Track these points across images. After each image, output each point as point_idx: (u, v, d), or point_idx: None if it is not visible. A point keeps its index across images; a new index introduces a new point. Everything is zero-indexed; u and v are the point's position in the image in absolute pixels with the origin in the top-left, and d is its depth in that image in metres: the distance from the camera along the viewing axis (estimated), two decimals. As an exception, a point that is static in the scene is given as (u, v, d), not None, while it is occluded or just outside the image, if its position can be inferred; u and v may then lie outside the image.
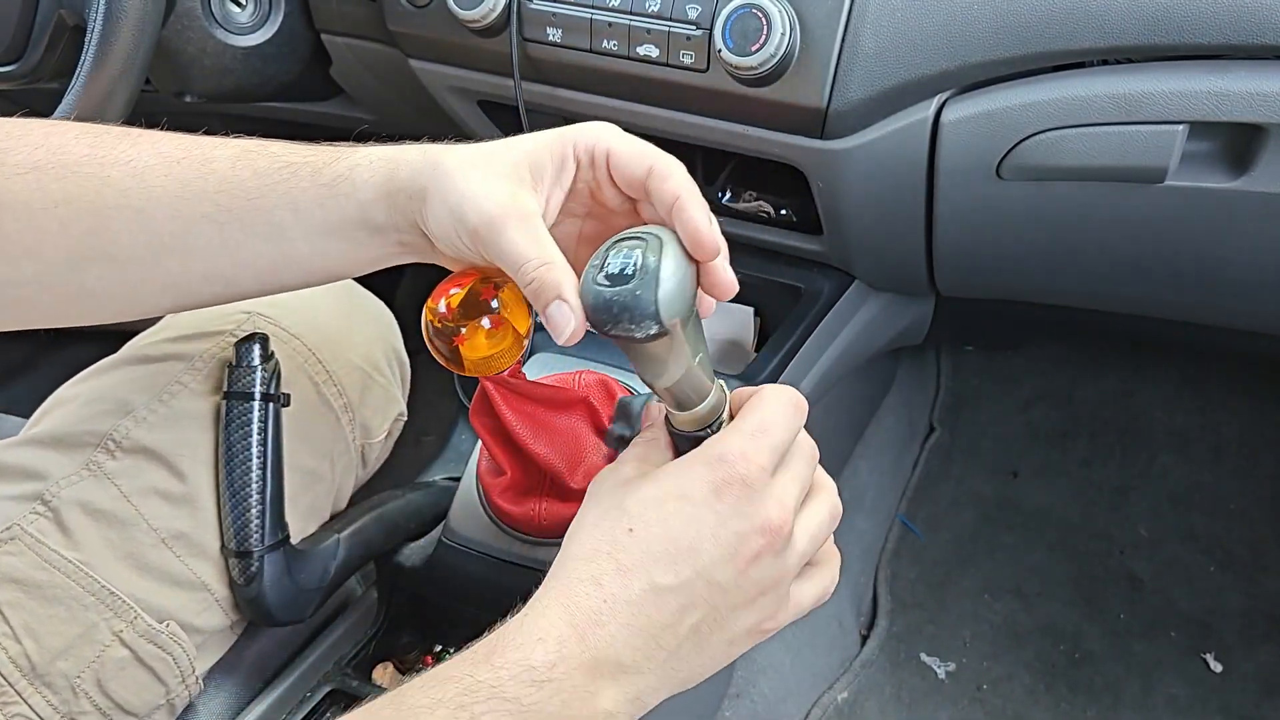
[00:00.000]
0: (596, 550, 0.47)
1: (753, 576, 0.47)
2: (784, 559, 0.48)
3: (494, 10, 0.78)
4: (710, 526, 0.46)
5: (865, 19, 0.70)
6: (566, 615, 0.45)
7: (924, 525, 1.36)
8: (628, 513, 0.47)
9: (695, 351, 0.49)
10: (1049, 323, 1.33)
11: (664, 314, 0.45)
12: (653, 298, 0.45)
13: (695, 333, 0.49)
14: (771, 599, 0.49)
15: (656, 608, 0.46)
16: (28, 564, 0.60)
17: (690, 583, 0.46)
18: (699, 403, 0.50)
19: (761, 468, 0.47)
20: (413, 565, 0.79)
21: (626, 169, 0.51)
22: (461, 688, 0.43)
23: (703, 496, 0.47)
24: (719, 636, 0.48)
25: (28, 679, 0.59)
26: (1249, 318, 0.92)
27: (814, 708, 1.15)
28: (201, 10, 0.91)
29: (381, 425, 0.78)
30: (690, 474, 0.47)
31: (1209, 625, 1.24)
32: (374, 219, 0.53)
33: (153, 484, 0.64)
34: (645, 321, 0.45)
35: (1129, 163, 0.69)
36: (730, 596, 0.47)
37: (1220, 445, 1.40)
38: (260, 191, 0.53)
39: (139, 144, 0.54)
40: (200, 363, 0.68)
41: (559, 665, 0.44)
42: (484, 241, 0.49)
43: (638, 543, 0.46)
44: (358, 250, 0.54)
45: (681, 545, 0.46)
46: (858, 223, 0.85)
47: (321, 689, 0.76)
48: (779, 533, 0.47)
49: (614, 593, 0.45)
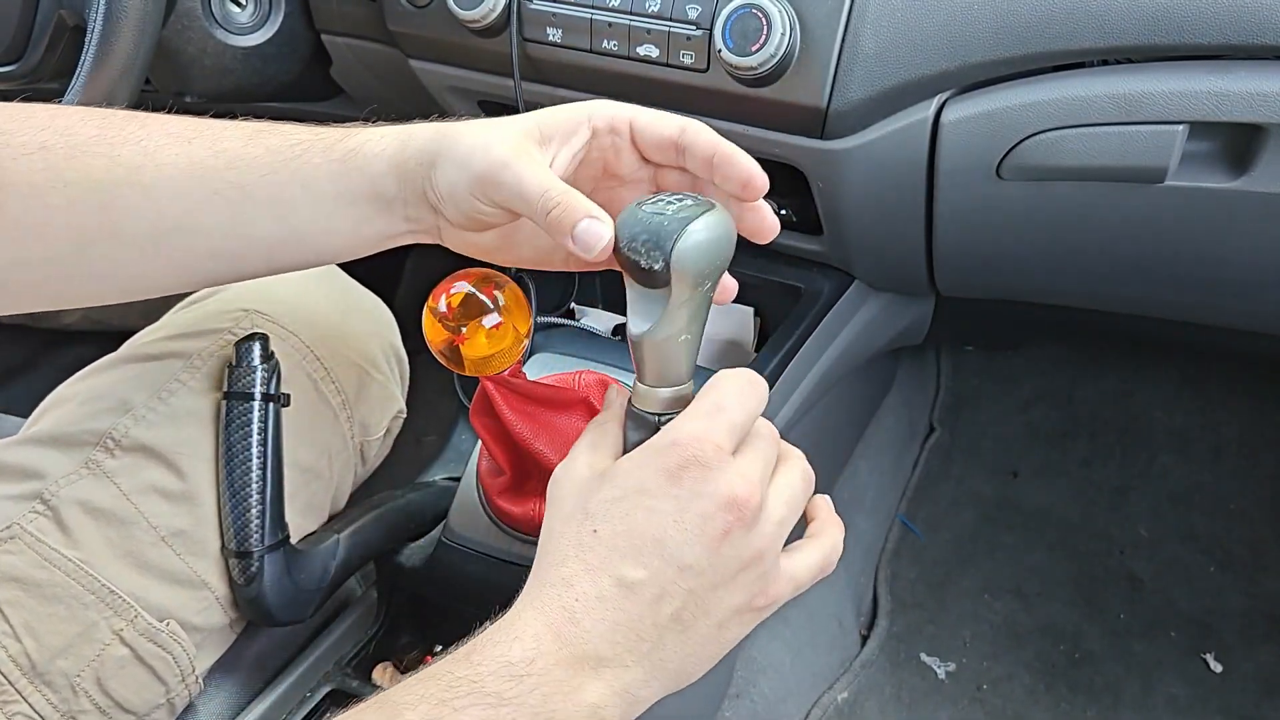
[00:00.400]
0: (564, 555, 0.47)
1: (727, 554, 0.47)
2: (758, 531, 0.48)
3: (494, 10, 0.78)
4: (671, 514, 0.46)
5: (865, 19, 0.70)
6: (541, 616, 0.46)
7: (924, 525, 1.36)
8: (591, 514, 0.48)
9: (689, 329, 0.49)
10: (1049, 323, 1.34)
11: (676, 256, 0.46)
12: (676, 235, 0.46)
13: (697, 312, 0.49)
14: (754, 575, 0.48)
15: (630, 601, 0.46)
16: (27, 563, 0.60)
17: (660, 572, 0.46)
18: (669, 385, 0.51)
19: (717, 446, 0.47)
20: (413, 565, 0.79)
21: (657, 130, 0.52)
22: (442, 685, 0.44)
23: (660, 486, 0.47)
24: (705, 621, 0.48)
25: (28, 678, 0.59)
26: (1249, 318, 0.92)
27: (814, 708, 1.15)
28: (202, 10, 0.91)
29: (380, 423, 0.78)
30: (646, 467, 0.48)
31: (1209, 625, 1.24)
32: (385, 191, 0.53)
33: (152, 482, 0.64)
34: (656, 253, 0.46)
35: (1129, 163, 0.69)
36: (707, 578, 0.47)
37: (1220, 445, 1.40)
38: (272, 168, 0.53)
39: (148, 125, 0.54)
40: (199, 360, 0.68)
41: (537, 660, 0.45)
42: (495, 183, 0.49)
43: (602, 542, 0.47)
44: (365, 226, 0.55)
45: (646, 537, 0.46)
46: (858, 223, 0.85)
47: (321, 689, 0.76)
48: (745, 505, 0.47)
49: (584, 591, 0.46)
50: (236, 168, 0.53)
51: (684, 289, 0.48)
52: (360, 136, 0.54)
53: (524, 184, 0.49)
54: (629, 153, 0.54)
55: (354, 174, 0.53)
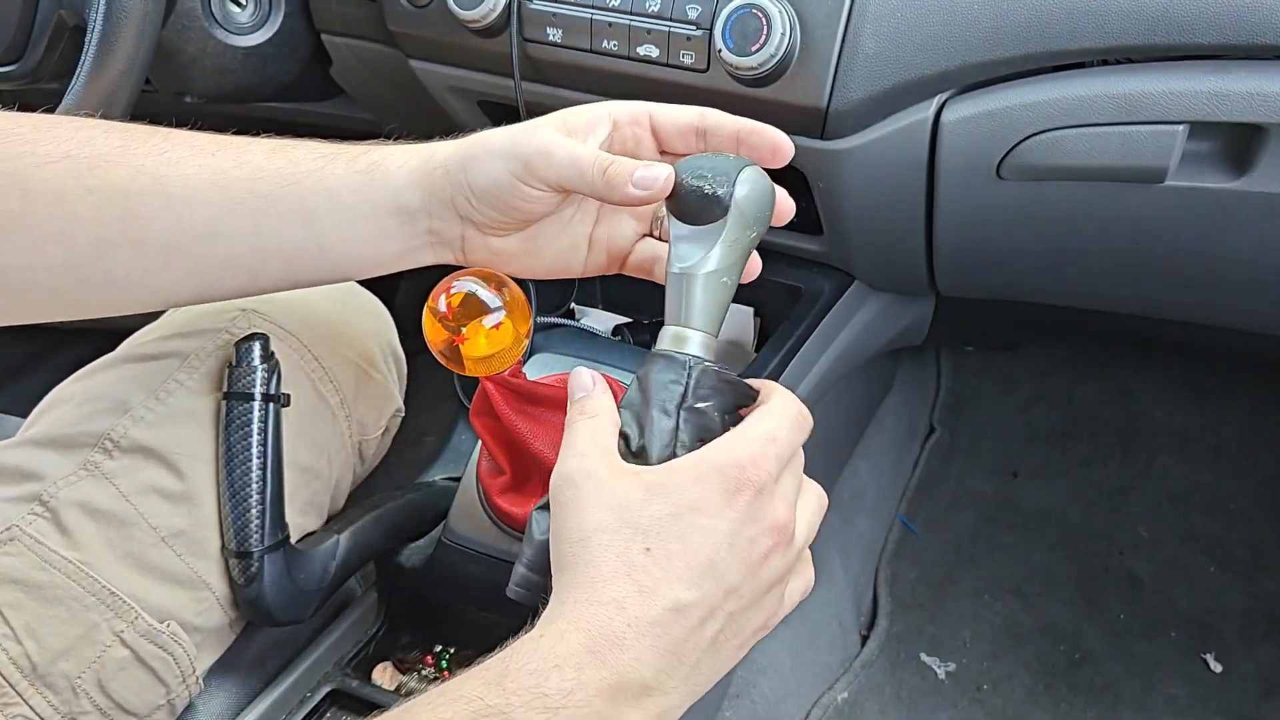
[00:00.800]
0: (615, 572, 0.45)
1: (763, 577, 0.47)
2: (789, 554, 0.48)
3: (494, 10, 0.78)
4: (725, 535, 0.46)
5: (865, 19, 0.70)
6: (587, 640, 0.43)
7: (924, 525, 1.36)
8: (641, 530, 0.45)
9: (730, 273, 0.52)
10: (1049, 323, 1.33)
11: (740, 184, 0.51)
12: (740, 168, 0.51)
13: (740, 258, 0.52)
14: (775, 596, 0.49)
15: (679, 624, 0.45)
16: (27, 564, 0.60)
17: (710, 594, 0.45)
18: (705, 331, 0.51)
19: (769, 473, 0.47)
20: (413, 565, 0.79)
21: (676, 118, 0.56)
22: (469, 711, 0.42)
23: (716, 506, 0.46)
24: (734, 641, 0.48)
25: (28, 680, 0.59)
26: (1249, 318, 0.92)
27: (814, 708, 1.15)
28: (202, 10, 0.91)
29: (378, 421, 0.78)
30: (704, 484, 0.46)
31: (1209, 625, 1.24)
32: (407, 203, 0.55)
33: (151, 483, 0.64)
34: (722, 178, 0.50)
35: (1129, 163, 0.69)
36: (745, 600, 0.47)
37: (1220, 445, 1.40)
38: (295, 178, 0.54)
39: (171, 138, 0.55)
40: (197, 360, 0.68)
41: (575, 693, 0.42)
42: (547, 161, 0.52)
43: (657, 562, 0.45)
44: (385, 241, 0.56)
45: (702, 559, 0.45)
46: (858, 223, 0.85)
47: (322, 689, 0.76)
48: (785, 529, 0.48)
49: (637, 615, 0.44)
50: (260, 178, 0.54)
51: (739, 225, 0.51)
52: (383, 151, 0.56)
53: (577, 154, 0.52)
54: (649, 144, 0.57)
55: (377, 185, 0.55)
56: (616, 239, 0.60)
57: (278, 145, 0.56)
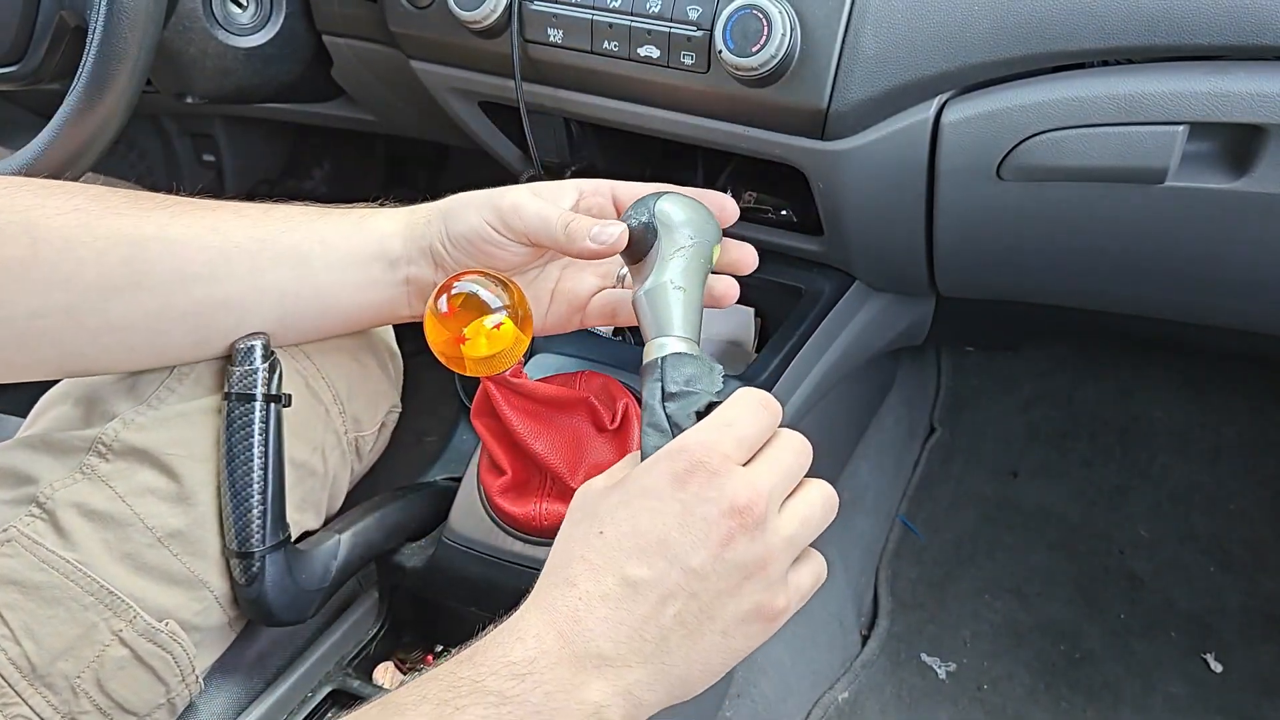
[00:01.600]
0: (570, 555, 0.49)
1: (731, 560, 0.47)
2: (763, 540, 0.48)
3: (495, 11, 0.78)
4: (676, 515, 0.47)
5: (866, 20, 0.70)
6: (544, 616, 0.47)
7: (924, 525, 1.36)
8: (598, 518, 0.49)
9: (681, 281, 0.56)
10: (1049, 323, 1.34)
11: (657, 209, 0.57)
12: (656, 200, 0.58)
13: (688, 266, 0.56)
14: (759, 584, 0.48)
15: (634, 600, 0.47)
16: (25, 565, 0.60)
17: (665, 573, 0.47)
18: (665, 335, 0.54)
19: (724, 455, 0.48)
20: (413, 565, 0.79)
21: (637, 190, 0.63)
22: (444, 685, 0.45)
23: (666, 489, 0.48)
24: (710, 627, 0.48)
25: (28, 680, 0.59)
26: (1249, 318, 0.92)
27: (814, 708, 1.15)
28: (203, 11, 0.91)
29: (374, 417, 0.78)
30: (653, 471, 0.49)
31: (1209, 625, 1.24)
32: (390, 250, 0.62)
33: (147, 484, 0.64)
34: (641, 209, 0.58)
35: (1129, 163, 0.69)
36: (711, 582, 0.47)
37: (1220, 445, 1.40)
38: (291, 226, 0.62)
39: (175, 201, 0.62)
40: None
41: (539, 660, 0.46)
42: (519, 214, 0.59)
43: (607, 542, 0.48)
44: (371, 288, 0.63)
45: (651, 538, 0.47)
46: (858, 223, 0.85)
47: (323, 689, 0.76)
48: (748, 512, 0.47)
49: (588, 590, 0.47)
50: (257, 224, 0.61)
51: (669, 238, 0.57)
52: (374, 209, 0.64)
53: (544, 211, 0.59)
54: (610, 212, 0.64)
55: (366, 233, 0.63)
56: (577, 291, 0.68)
57: (272, 206, 0.63)
